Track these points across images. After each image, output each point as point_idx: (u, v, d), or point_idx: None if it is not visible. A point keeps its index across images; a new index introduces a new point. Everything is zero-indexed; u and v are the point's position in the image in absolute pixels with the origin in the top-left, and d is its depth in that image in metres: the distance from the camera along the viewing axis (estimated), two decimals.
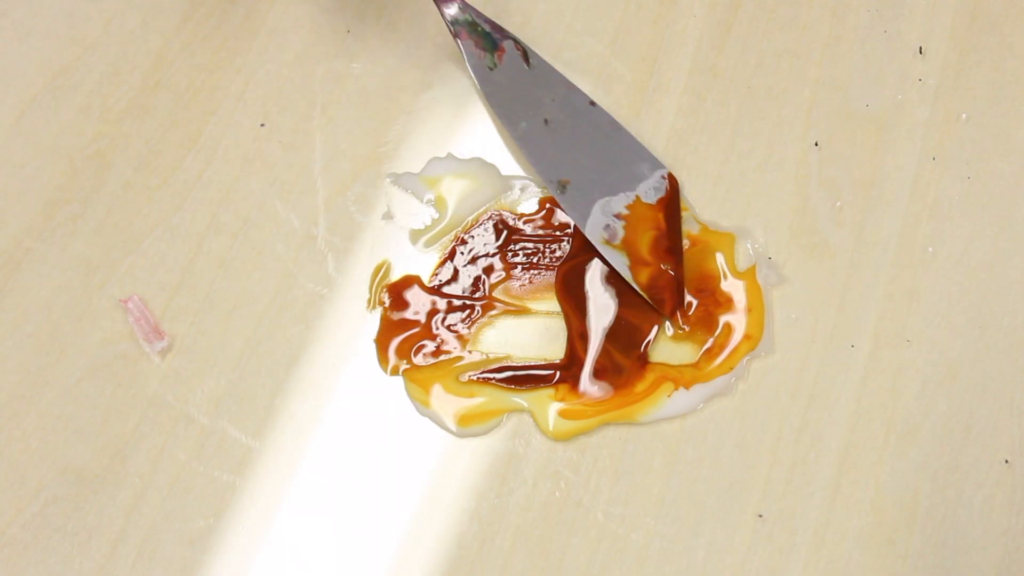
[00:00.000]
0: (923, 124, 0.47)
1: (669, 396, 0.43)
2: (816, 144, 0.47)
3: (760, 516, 0.41)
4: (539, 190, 0.47)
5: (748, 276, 0.45)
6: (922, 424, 0.42)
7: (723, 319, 0.44)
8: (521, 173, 0.47)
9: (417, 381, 0.43)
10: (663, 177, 0.46)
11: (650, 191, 0.45)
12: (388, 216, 0.46)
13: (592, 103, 0.47)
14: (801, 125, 0.48)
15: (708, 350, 0.44)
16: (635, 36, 0.49)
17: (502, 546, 0.41)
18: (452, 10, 0.47)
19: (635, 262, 0.44)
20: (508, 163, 0.47)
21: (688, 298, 0.45)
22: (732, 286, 0.45)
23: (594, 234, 0.45)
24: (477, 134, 0.48)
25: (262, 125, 0.48)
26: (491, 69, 0.46)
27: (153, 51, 0.49)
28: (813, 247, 0.45)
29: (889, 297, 0.44)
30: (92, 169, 0.47)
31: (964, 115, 0.48)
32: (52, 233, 0.46)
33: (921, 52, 0.49)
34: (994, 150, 0.47)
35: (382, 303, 0.44)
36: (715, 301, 0.44)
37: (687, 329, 0.44)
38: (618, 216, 0.45)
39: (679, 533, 0.41)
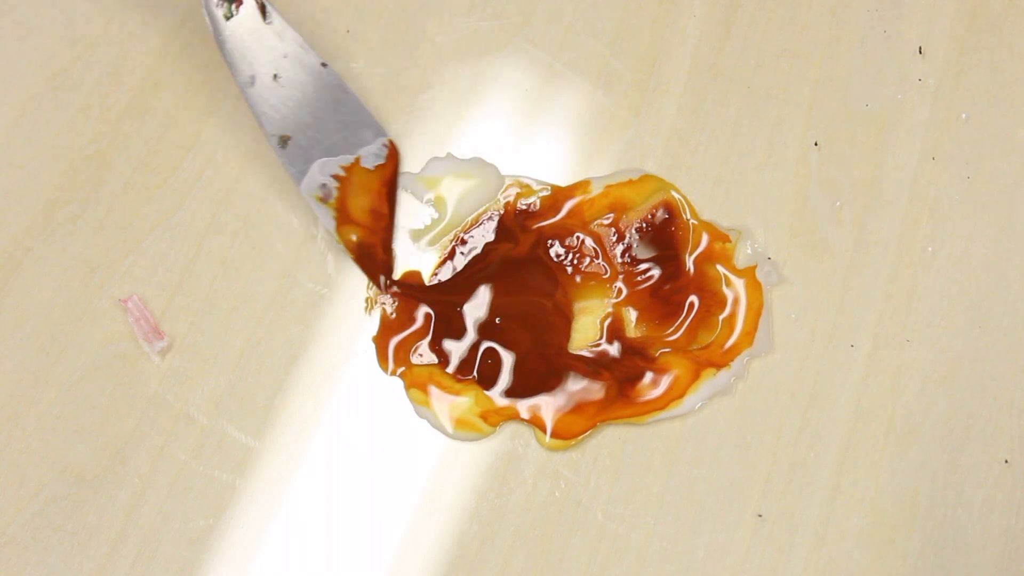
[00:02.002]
0: (923, 124, 0.47)
1: (715, 376, 0.43)
2: (816, 144, 0.47)
3: (760, 516, 0.41)
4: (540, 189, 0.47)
5: (748, 274, 0.45)
6: (922, 424, 0.42)
7: (722, 317, 0.44)
8: (522, 173, 0.47)
9: (414, 383, 0.43)
10: (384, 145, 0.47)
11: (370, 156, 0.46)
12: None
13: (324, 64, 0.47)
14: (801, 125, 0.48)
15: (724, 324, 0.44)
16: (635, 36, 0.49)
17: (502, 546, 0.41)
18: None
19: (343, 221, 0.45)
20: (508, 163, 0.47)
21: (692, 298, 0.45)
22: (733, 286, 0.45)
23: (309, 190, 0.45)
24: (477, 134, 0.48)
25: None
26: (227, 19, 0.46)
27: (153, 51, 0.49)
28: (813, 247, 0.45)
29: (889, 297, 0.44)
30: (92, 169, 0.47)
31: (964, 115, 0.48)
32: (52, 233, 0.46)
33: (921, 52, 0.49)
34: (994, 150, 0.47)
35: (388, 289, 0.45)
36: (716, 301, 0.44)
37: (394, 292, 0.45)
38: (335, 176, 0.46)
39: (679, 533, 0.41)
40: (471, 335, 0.44)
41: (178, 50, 0.49)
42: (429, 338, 0.44)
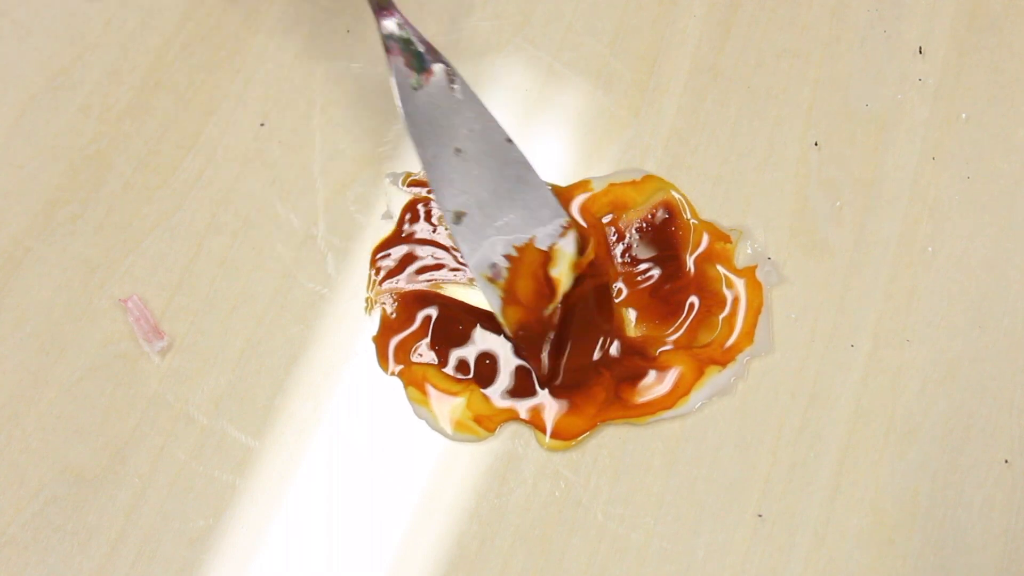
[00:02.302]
0: (923, 124, 0.47)
1: (719, 373, 0.43)
2: (816, 144, 0.47)
3: (760, 516, 0.41)
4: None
5: (748, 274, 0.45)
6: (922, 424, 0.42)
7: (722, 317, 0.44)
8: None
9: (412, 381, 0.43)
10: (562, 225, 0.45)
11: (545, 237, 0.44)
12: (388, 216, 0.46)
13: (508, 140, 0.45)
14: (801, 125, 0.48)
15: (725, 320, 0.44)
16: (635, 36, 0.49)
17: (502, 546, 0.41)
18: (391, 24, 0.45)
19: (509, 302, 0.43)
20: None
21: (692, 299, 0.45)
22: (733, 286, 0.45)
23: (479, 269, 0.43)
24: None
25: (262, 125, 0.48)
26: (415, 89, 0.45)
27: (153, 51, 0.49)
28: (813, 247, 0.45)
29: (889, 297, 0.44)
30: (92, 169, 0.47)
31: (964, 115, 0.48)
32: (52, 233, 0.46)
33: (921, 52, 0.49)
34: (994, 150, 0.47)
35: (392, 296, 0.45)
36: (716, 301, 0.44)
37: (550, 386, 0.43)
38: (507, 256, 0.44)
39: (679, 533, 0.41)
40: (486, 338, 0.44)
41: (178, 50, 0.49)
42: (428, 339, 0.44)
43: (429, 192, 0.46)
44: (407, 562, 0.41)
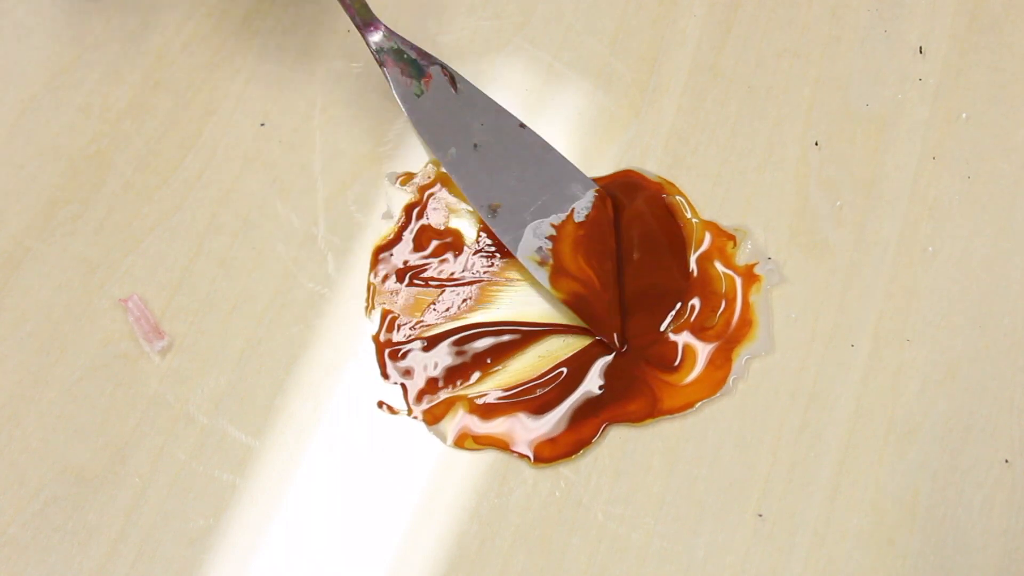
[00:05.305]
0: (923, 124, 0.47)
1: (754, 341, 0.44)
2: (816, 144, 0.47)
3: (760, 516, 0.41)
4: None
5: (747, 271, 0.45)
6: (922, 424, 0.42)
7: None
8: None
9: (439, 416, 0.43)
10: (595, 193, 0.45)
11: (582, 210, 0.45)
12: (388, 216, 0.46)
13: (522, 125, 0.46)
14: (801, 125, 0.48)
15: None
16: (635, 36, 0.49)
17: (502, 546, 0.41)
18: (376, 37, 0.46)
19: (559, 274, 0.44)
20: None
21: (693, 301, 0.45)
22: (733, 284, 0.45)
23: (526, 256, 0.44)
24: None
25: (262, 125, 0.48)
26: (418, 96, 0.46)
27: (153, 51, 0.49)
28: (813, 247, 0.45)
29: (889, 297, 0.44)
30: (92, 169, 0.47)
31: (964, 115, 0.48)
32: (52, 233, 0.46)
33: (921, 52, 0.49)
34: (994, 150, 0.47)
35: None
36: (718, 301, 0.44)
37: (624, 349, 0.43)
38: (549, 238, 0.44)
39: (679, 533, 0.41)
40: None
41: (178, 50, 0.49)
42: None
43: (429, 194, 0.46)
44: (407, 562, 0.41)
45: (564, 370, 0.43)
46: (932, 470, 0.42)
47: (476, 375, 0.43)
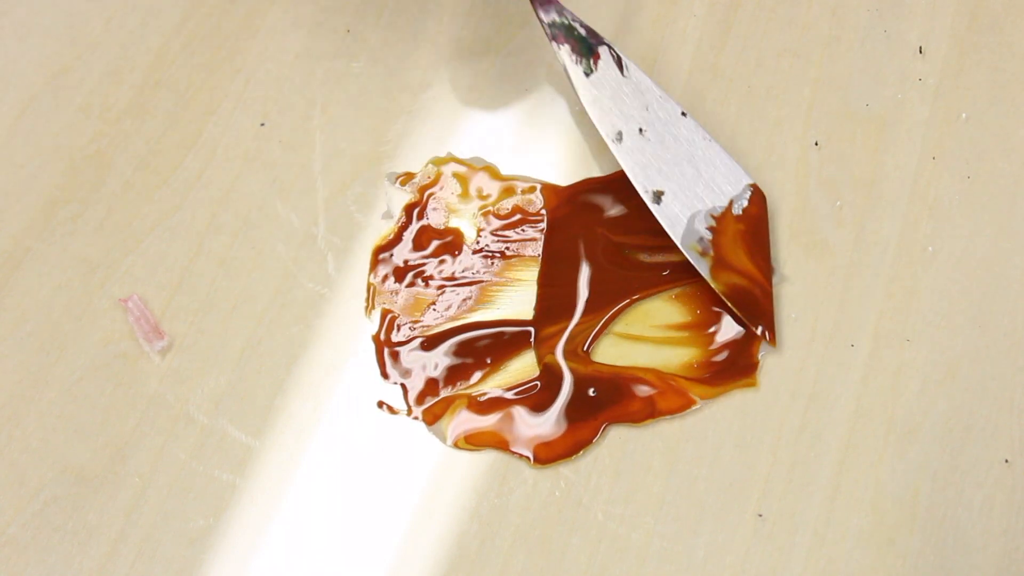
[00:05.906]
0: (923, 124, 0.47)
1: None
2: (816, 144, 0.47)
3: (760, 516, 0.41)
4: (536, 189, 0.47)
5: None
6: (922, 424, 0.42)
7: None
8: (521, 173, 0.47)
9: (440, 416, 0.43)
10: (748, 187, 0.45)
11: (737, 204, 0.45)
12: (388, 216, 0.46)
13: (684, 113, 0.46)
14: (801, 125, 0.48)
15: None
16: (635, 36, 0.49)
17: (502, 546, 0.41)
18: (551, 14, 0.46)
19: (720, 267, 0.44)
20: (508, 163, 0.47)
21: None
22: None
23: (688, 245, 0.44)
24: (477, 134, 0.48)
25: (262, 125, 0.48)
26: (587, 75, 0.45)
27: (153, 51, 0.49)
28: (813, 247, 0.45)
29: (889, 296, 0.44)
30: (92, 169, 0.47)
31: (964, 115, 0.48)
32: (52, 233, 0.46)
33: (921, 52, 0.49)
34: (994, 150, 0.47)
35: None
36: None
37: (775, 345, 0.44)
38: (710, 229, 0.44)
39: (679, 533, 0.41)
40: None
41: (178, 50, 0.49)
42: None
43: (429, 194, 0.46)
44: (407, 562, 0.41)
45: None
46: (932, 470, 0.42)
47: (476, 375, 0.43)
